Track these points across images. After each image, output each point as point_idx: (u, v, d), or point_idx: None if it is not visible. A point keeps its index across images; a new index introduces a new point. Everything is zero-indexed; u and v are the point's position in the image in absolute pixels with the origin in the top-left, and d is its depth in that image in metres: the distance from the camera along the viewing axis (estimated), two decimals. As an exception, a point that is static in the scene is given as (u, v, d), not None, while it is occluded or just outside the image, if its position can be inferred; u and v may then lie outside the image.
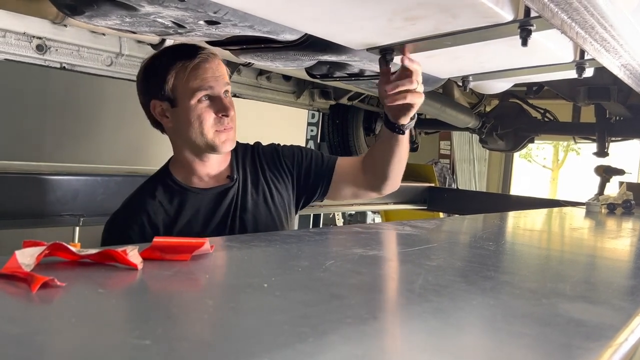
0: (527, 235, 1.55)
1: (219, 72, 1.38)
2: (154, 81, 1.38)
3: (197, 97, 1.35)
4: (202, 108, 1.36)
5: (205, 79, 1.35)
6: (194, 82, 1.35)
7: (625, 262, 1.20)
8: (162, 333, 0.50)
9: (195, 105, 1.36)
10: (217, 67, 1.38)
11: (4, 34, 1.90)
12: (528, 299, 0.73)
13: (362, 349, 0.50)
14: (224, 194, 1.44)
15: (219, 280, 0.74)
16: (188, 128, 1.38)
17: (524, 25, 1.06)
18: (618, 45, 1.25)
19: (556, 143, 12.78)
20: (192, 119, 1.37)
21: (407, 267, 0.87)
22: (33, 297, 0.57)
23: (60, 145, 3.58)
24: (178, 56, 1.37)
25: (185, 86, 1.36)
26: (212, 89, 1.36)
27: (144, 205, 1.40)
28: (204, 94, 1.36)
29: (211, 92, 1.36)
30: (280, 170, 1.55)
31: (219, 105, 1.37)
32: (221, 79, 1.38)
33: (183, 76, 1.35)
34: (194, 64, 1.35)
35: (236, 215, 1.43)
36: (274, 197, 1.50)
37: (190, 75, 1.35)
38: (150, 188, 1.44)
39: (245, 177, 1.50)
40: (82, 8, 1.05)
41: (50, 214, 2.12)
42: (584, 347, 0.55)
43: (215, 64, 1.38)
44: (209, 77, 1.36)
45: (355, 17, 1.07)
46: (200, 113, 1.36)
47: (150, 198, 1.41)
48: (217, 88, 1.37)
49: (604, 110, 3.55)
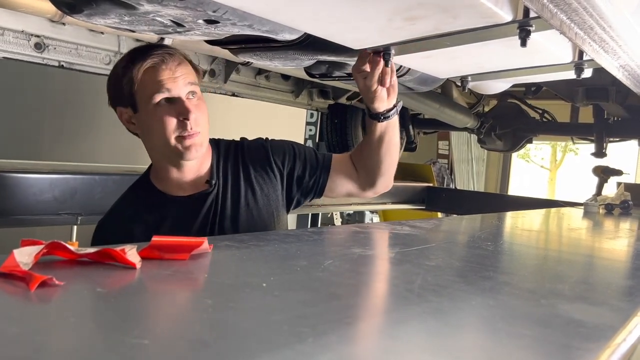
0: (525, 235, 1.55)
1: (179, 72, 1.29)
2: (116, 87, 1.32)
3: (155, 101, 1.27)
4: (161, 112, 1.28)
5: (161, 82, 1.27)
6: (149, 85, 1.27)
7: (624, 263, 1.21)
8: (160, 332, 0.50)
9: (154, 109, 1.28)
10: (177, 67, 1.29)
11: (2, 32, 1.90)
12: (527, 299, 0.73)
13: (362, 349, 0.50)
14: (201, 200, 1.37)
15: (218, 280, 0.74)
16: (151, 134, 1.32)
17: (523, 25, 1.06)
18: (617, 46, 1.25)
19: (554, 143, 12.80)
20: (153, 124, 1.29)
21: (405, 267, 0.87)
22: (31, 296, 0.57)
23: (58, 143, 3.57)
24: (133, 58, 1.29)
25: (142, 90, 1.28)
26: (169, 91, 1.27)
27: (125, 216, 1.36)
28: (162, 97, 1.27)
29: (169, 95, 1.27)
30: (268, 169, 1.46)
31: (179, 108, 1.28)
32: (181, 79, 1.28)
33: (140, 79, 1.28)
34: (148, 66, 1.27)
35: (215, 222, 1.37)
36: (257, 199, 1.43)
37: (145, 77, 1.27)
38: (130, 197, 1.40)
39: (225, 181, 1.42)
40: (80, 6, 1.05)
41: (48, 213, 2.12)
42: (583, 347, 0.55)
43: (174, 64, 1.28)
44: (165, 78, 1.27)
45: (355, 17, 1.07)
46: (160, 118, 1.28)
47: (131, 207, 1.37)
48: (175, 90, 1.27)
49: (602, 111, 3.56)
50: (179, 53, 1.32)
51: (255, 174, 1.44)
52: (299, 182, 1.48)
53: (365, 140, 1.48)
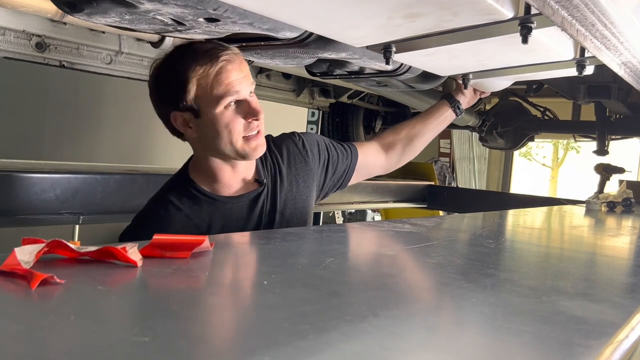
0: (527, 233, 1.55)
1: (243, 73, 1.24)
2: (172, 91, 1.23)
3: (224, 105, 1.22)
4: (230, 115, 1.23)
5: (230, 84, 1.21)
6: (218, 89, 1.21)
7: (626, 260, 1.20)
8: (161, 330, 0.50)
9: (222, 113, 1.23)
10: (241, 67, 1.24)
11: (3, 31, 1.90)
12: (528, 296, 0.73)
13: (362, 347, 0.49)
14: (255, 200, 1.34)
15: (219, 278, 0.74)
16: (215, 138, 1.26)
17: (524, 22, 1.06)
18: (618, 42, 1.25)
19: (556, 141, 12.79)
20: (220, 128, 1.24)
21: (407, 264, 0.87)
22: (32, 294, 0.57)
23: (60, 143, 3.57)
24: (197, 60, 1.21)
25: (209, 94, 1.21)
26: (238, 93, 1.23)
27: (170, 220, 1.26)
28: (232, 99, 1.22)
29: (238, 97, 1.23)
30: (305, 160, 1.46)
31: (248, 109, 1.24)
32: (245, 79, 1.24)
33: (206, 83, 1.21)
34: (217, 69, 1.20)
35: (268, 219, 1.35)
36: (300, 191, 1.42)
37: (214, 81, 1.21)
38: (174, 199, 1.30)
39: (274, 178, 1.40)
40: (81, 5, 1.05)
41: (50, 212, 2.12)
42: (585, 344, 0.55)
43: (238, 64, 1.24)
44: (233, 81, 1.22)
45: (356, 15, 1.07)
46: (228, 121, 1.23)
47: (175, 210, 1.28)
48: (243, 91, 1.24)
49: (604, 109, 3.54)
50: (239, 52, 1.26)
51: (295, 166, 1.45)
52: (332, 173, 1.53)
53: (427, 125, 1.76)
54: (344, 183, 1.59)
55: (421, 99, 3.00)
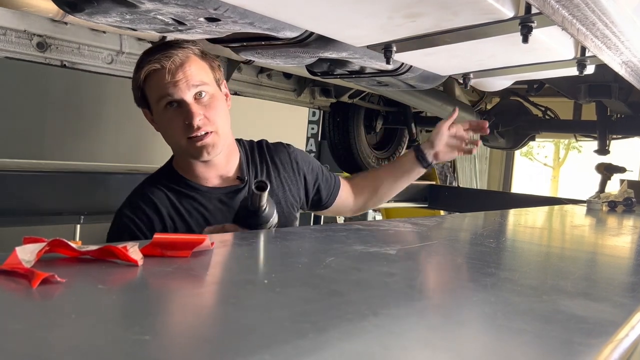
0: (528, 232, 1.55)
1: (180, 76, 1.25)
2: (133, 90, 1.34)
3: (160, 105, 1.27)
4: (168, 116, 1.28)
5: (161, 87, 1.25)
6: (152, 91, 1.28)
7: (626, 259, 1.20)
8: (162, 329, 0.50)
9: (162, 113, 1.28)
10: (178, 70, 1.25)
11: (4, 31, 1.90)
12: (529, 295, 0.73)
13: (363, 346, 0.49)
14: (233, 195, 1.37)
15: (220, 277, 0.74)
16: (166, 136, 1.33)
17: (524, 22, 1.06)
18: (619, 42, 1.25)
19: (557, 141, 12.77)
20: (164, 127, 1.31)
21: (407, 263, 0.87)
22: (33, 293, 0.57)
23: (61, 142, 3.58)
24: (139, 62, 1.29)
25: (150, 94, 1.29)
26: (171, 95, 1.25)
27: (150, 199, 1.32)
28: (165, 102, 1.26)
29: (172, 99, 1.26)
30: (294, 171, 1.50)
31: (184, 111, 1.26)
32: (182, 83, 1.25)
33: (145, 85, 1.28)
34: (150, 70, 1.26)
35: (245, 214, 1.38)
36: (287, 197, 1.46)
37: (149, 82, 1.27)
38: (155, 183, 1.36)
39: (256, 177, 1.42)
40: (82, 5, 1.05)
41: (51, 212, 2.13)
42: (585, 343, 0.55)
43: (173, 67, 1.25)
44: (165, 83, 1.25)
45: (356, 14, 1.07)
46: (167, 122, 1.29)
47: (157, 190, 1.34)
48: (177, 93, 1.25)
49: (605, 108, 3.54)
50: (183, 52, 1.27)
51: (284, 172, 1.48)
52: (314, 193, 1.57)
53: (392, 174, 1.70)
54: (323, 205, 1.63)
55: (422, 99, 3.00)
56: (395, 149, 4.55)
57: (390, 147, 4.53)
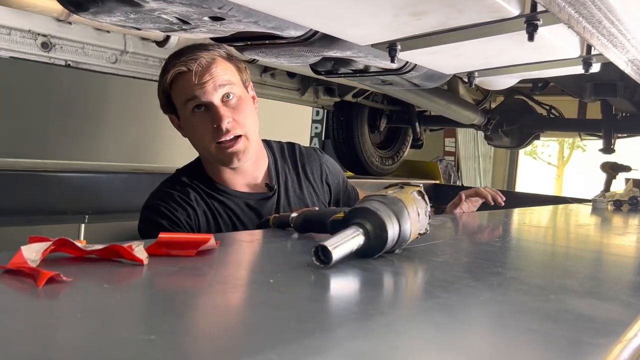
0: (533, 231, 1.54)
1: (207, 77, 1.23)
2: (159, 95, 1.31)
3: (188, 110, 1.25)
4: (196, 120, 1.24)
5: (187, 90, 1.23)
6: (181, 93, 1.25)
7: (633, 259, 1.20)
8: (167, 328, 0.50)
9: (190, 117, 1.25)
10: (204, 71, 1.23)
11: (9, 31, 1.91)
12: (536, 294, 0.73)
13: (369, 345, 0.49)
14: (262, 203, 1.34)
15: (225, 276, 0.74)
16: (194, 141, 1.29)
17: (530, 20, 1.05)
18: (625, 40, 1.24)
19: (561, 140, 12.74)
20: (192, 132, 1.27)
21: (413, 263, 0.86)
22: (39, 292, 0.57)
23: (65, 142, 3.59)
24: (165, 66, 1.27)
25: (176, 98, 1.26)
26: (198, 98, 1.22)
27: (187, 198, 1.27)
28: (192, 105, 1.23)
29: (199, 102, 1.23)
30: (323, 180, 1.48)
31: (212, 114, 1.23)
32: (209, 84, 1.22)
33: (171, 88, 1.26)
34: (176, 73, 1.23)
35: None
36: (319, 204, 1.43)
37: (176, 85, 1.25)
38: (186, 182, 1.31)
39: (286, 183, 1.39)
40: (87, 4, 1.05)
41: (56, 212, 2.13)
42: (594, 342, 0.54)
43: (200, 67, 1.23)
44: (190, 86, 1.22)
45: (361, 13, 1.06)
46: (195, 127, 1.25)
47: (191, 190, 1.29)
48: (205, 96, 1.22)
49: (610, 107, 3.53)
50: (209, 54, 1.26)
51: (313, 181, 1.45)
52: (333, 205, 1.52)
53: None
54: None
55: (426, 98, 3.00)
56: (399, 148, 4.54)
57: (394, 146, 4.53)
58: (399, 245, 0.84)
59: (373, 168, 4.22)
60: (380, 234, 0.79)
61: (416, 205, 0.86)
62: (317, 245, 0.73)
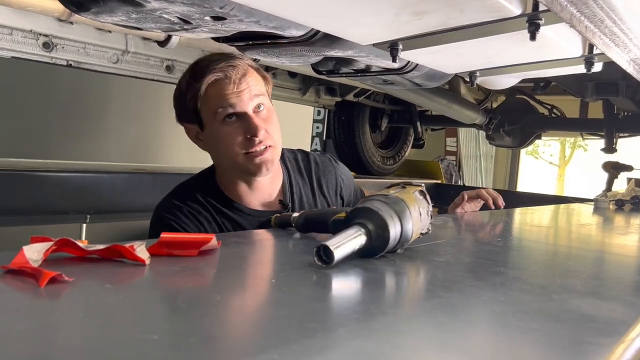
0: (535, 231, 1.54)
1: (244, 86, 1.22)
2: (180, 103, 1.27)
3: (219, 118, 1.21)
4: (227, 129, 1.22)
5: (223, 97, 1.20)
6: (212, 101, 1.21)
7: (635, 258, 1.19)
8: (169, 328, 0.50)
9: (219, 126, 1.22)
10: (241, 80, 1.22)
11: (10, 31, 1.91)
12: (538, 294, 0.73)
13: (371, 345, 0.49)
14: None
15: (227, 276, 0.74)
16: (218, 152, 1.26)
17: (532, 19, 1.05)
18: (627, 39, 1.23)
19: (563, 139, 12.72)
20: (219, 142, 1.23)
21: (415, 262, 0.86)
22: (41, 292, 0.57)
23: (67, 142, 3.59)
24: (195, 73, 1.23)
25: (206, 106, 1.22)
26: (233, 107, 1.21)
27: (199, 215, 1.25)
28: (226, 113, 1.21)
29: (234, 110, 1.21)
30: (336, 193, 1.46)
31: (246, 124, 1.21)
32: (245, 93, 1.22)
33: (203, 96, 1.22)
34: (211, 80, 1.21)
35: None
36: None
37: (207, 93, 1.21)
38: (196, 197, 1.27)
39: (301, 201, 1.36)
40: (88, 4, 1.05)
41: (57, 212, 2.13)
42: (596, 342, 0.54)
43: (237, 76, 1.22)
44: (228, 94, 1.20)
45: (362, 12, 1.06)
46: (225, 136, 1.22)
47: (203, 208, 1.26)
48: (240, 105, 1.21)
49: (612, 106, 3.52)
50: (243, 63, 1.25)
51: (328, 193, 1.43)
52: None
53: None
54: None
55: (427, 97, 2.99)
56: (400, 147, 4.54)
57: (396, 146, 4.53)
58: (401, 245, 0.84)
59: (374, 168, 4.22)
60: (382, 234, 0.79)
61: (418, 205, 0.86)
62: (319, 245, 0.73)
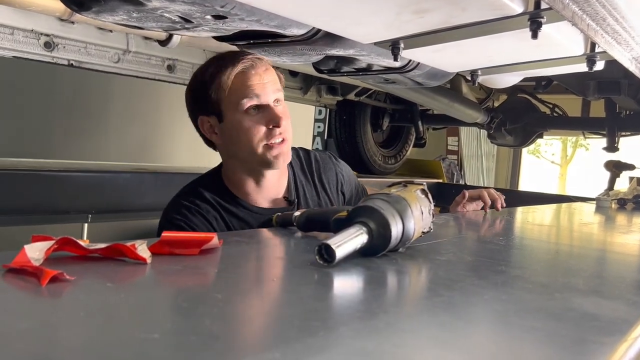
0: (537, 230, 1.54)
1: (267, 79, 1.27)
2: (199, 95, 1.29)
3: (244, 107, 1.24)
4: (250, 120, 1.25)
5: (249, 87, 1.24)
6: (238, 92, 1.24)
7: (638, 257, 1.19)
8: (170, 327, 0.50)
9: (242, 117, 1.25)
10: (265, 73, 1.27)
11: (12, 31, 1.91)
12: (540, 293, 0.73)
13: (373, 343, 0.49)
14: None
15: (228, 275, 0.74)
16: (237, 144, 1.28)
17: (534, 17, 1.04)
18: (630, 37, 1.23)
19: (564, 138, 12.71)
20: (240, 133, 1.26)
21: (417, 261, 0.86)
22: (42, 291, 0.57)
23: (68, 142, 3.59)
24: (222, 65, 1.26)
25: (229, 97, 1.25)
26: (258, 97, 1.25)
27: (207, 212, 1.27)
28: (251, 103, 1.24)
29: (258, 102, 1.25)
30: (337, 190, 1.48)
31: (269, 115, 1.25)
32: (269, 85, 1.27)
33: (227, 86, 1.24)
34: (237, 72, 1.24)
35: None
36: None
37: (233, 84, 1.24)
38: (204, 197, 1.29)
39: (305, 198, 1.39)
40: (89, 3, 1.05)
41: (59, 211, 2.13)
42: (599, 341, 0.54)
43: (262, 70, 1.27)
44: (254, 84, 1.24)
45: (364, 11, 1.06)
46: (249, 127, 1.24)
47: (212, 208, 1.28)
48: (264, 96, 1.25)
49: (614, 105, 3.52)
50: (265, 59, 1.30)
51: (329, 189, 1.46)
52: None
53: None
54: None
55: (429, 96, 2.99)
56: (401, 146, 4.54)
57: (397, 145, 4.52)
58: (403, 244, 0.84)
59: (376, 167, 4.21)
60: (383, 233, 0.78)
61: (420, 204, 0.85)
62: (321, 243, 0.73)
